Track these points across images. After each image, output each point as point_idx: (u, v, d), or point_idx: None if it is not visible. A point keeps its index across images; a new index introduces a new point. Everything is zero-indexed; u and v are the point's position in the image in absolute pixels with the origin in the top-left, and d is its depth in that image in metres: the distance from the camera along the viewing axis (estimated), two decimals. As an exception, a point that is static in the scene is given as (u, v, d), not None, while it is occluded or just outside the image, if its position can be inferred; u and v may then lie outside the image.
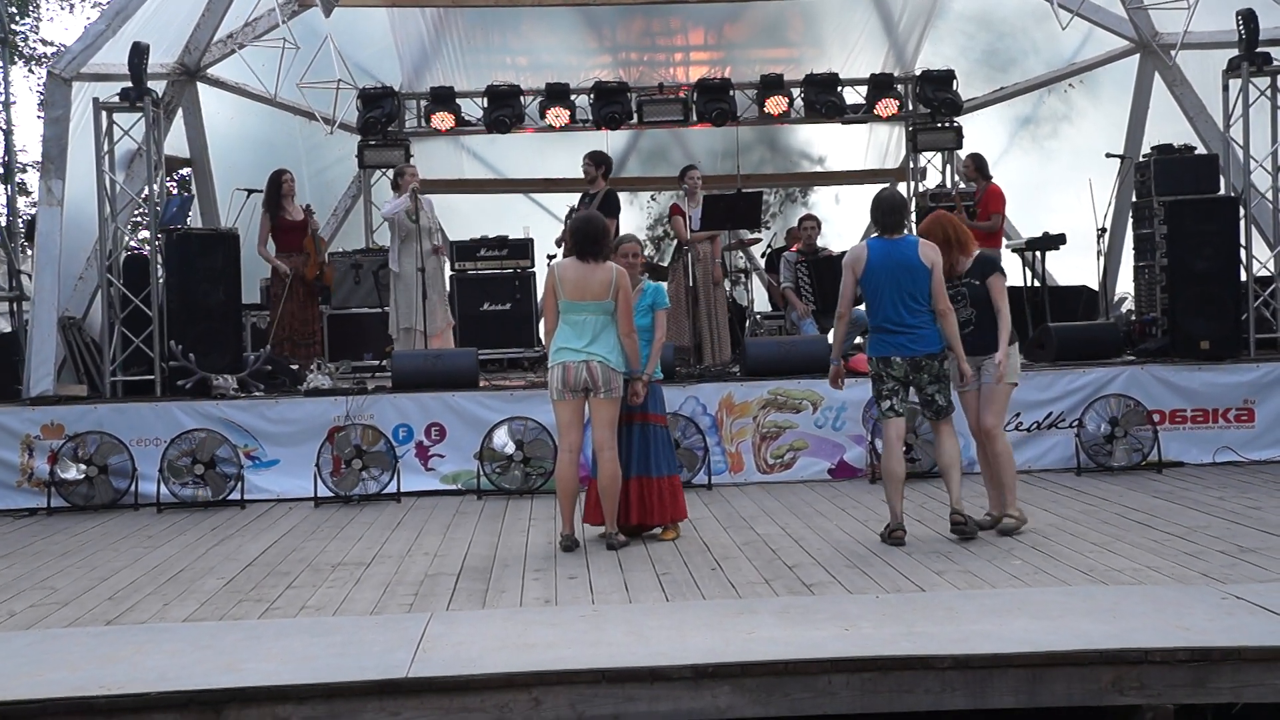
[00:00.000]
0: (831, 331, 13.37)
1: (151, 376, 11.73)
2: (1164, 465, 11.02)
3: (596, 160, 13.43)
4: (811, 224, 13.77)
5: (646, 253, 13.86)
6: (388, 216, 12.70)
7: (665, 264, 14.15)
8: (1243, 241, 12.07)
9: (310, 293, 13.21)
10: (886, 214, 8.37)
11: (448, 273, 13.57)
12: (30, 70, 29.22)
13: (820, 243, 13.99)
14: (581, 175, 13.46)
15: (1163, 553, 7.79)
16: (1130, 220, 14.05)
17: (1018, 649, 5.72)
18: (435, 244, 12.64)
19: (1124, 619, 6.15)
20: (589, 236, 8.41)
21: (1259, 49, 12.07)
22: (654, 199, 20.23)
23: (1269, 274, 12.50)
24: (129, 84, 11.71)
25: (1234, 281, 11.90)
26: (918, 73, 16.72)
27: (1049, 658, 5.66)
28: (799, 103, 16.40)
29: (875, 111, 16.37)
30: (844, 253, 13.99)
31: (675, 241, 13.30)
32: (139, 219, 15.46)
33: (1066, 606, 6.45)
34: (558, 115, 15.93)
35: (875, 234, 8.50)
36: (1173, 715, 5.63)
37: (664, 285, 8.98)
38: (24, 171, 24.13)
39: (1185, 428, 11.37)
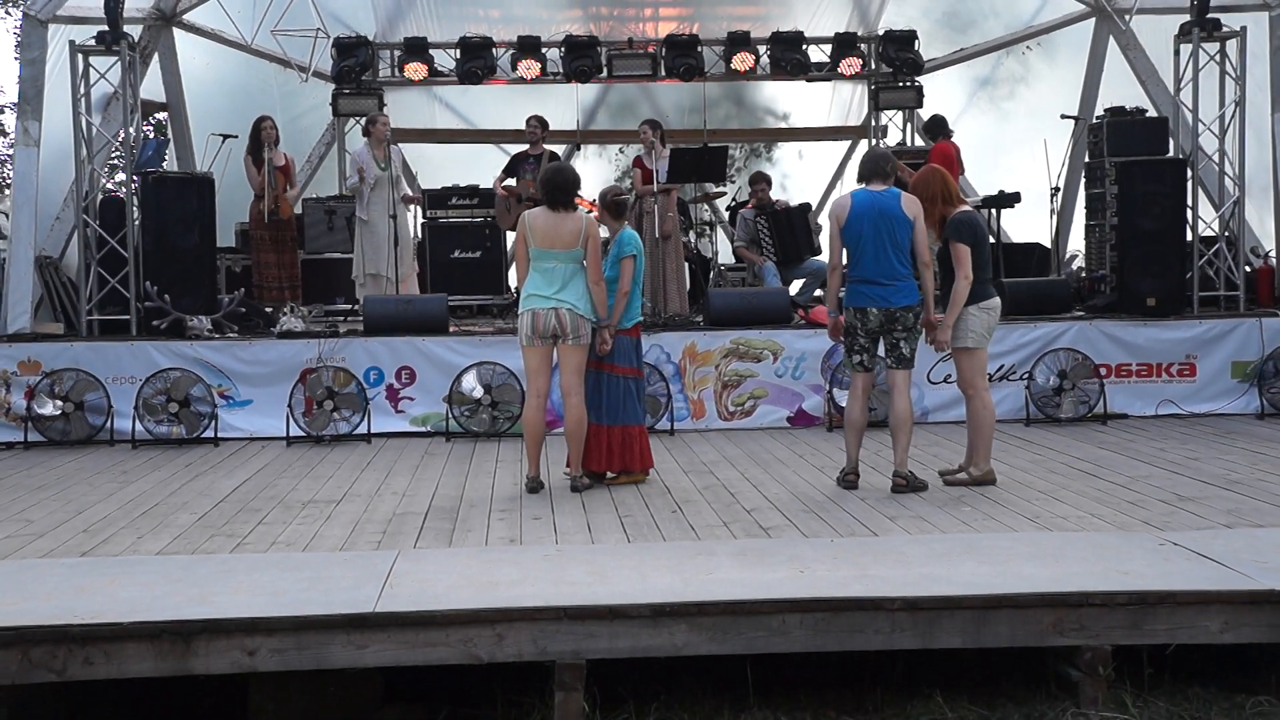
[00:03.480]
0: (803, 283, 13.71)
1: (127, 316, 11.84)
2: (1109, 417, 11.32)
3: (544, 123, 13.66)
4: (762, 183, 14.00)
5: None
6: (353, 187, 12.79)
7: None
8: (1189, 202, 12.33)
9: (281, 239, 13.13)
10: (866, 163, 8.46)
11: (419, 220, 13.75)
12: (6, 11, 28.94)
13: (778, 196, 14.17)
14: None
15: (1106, 501, 7.99)
16: (1083, 180, 14.26)
17: (965, 592, 5.84)
18: (407, 193, 12.78)
19: (1066, 563, 6.29)
20: (559, 186, 8.50)
21: (1209, 15, 12.30)
22: (622, 152, 20.38)
23: (1213, 234, 12.76)
24: (105, 27, 11.78)
25: (1180, 241, 12.18)
26: (881, 32, 16.78)
27: (993, 600, 5.78)
28: (765, 60, 16.46)
29: (839, 70, 16.41)
30: (802, 204, 14.35)
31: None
32: (115, 161, 15.52)
33: (1012, 551, 6.58)
34: (529, 67, 15.99)
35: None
36: (1110, 656, 5.74)
37: (633, 233, 9.07)
38: (1, 112, 24.03)
39: (1130, 381, 11.69)
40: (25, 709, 5.70)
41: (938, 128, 13.72)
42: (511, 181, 13.81)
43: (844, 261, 8.54)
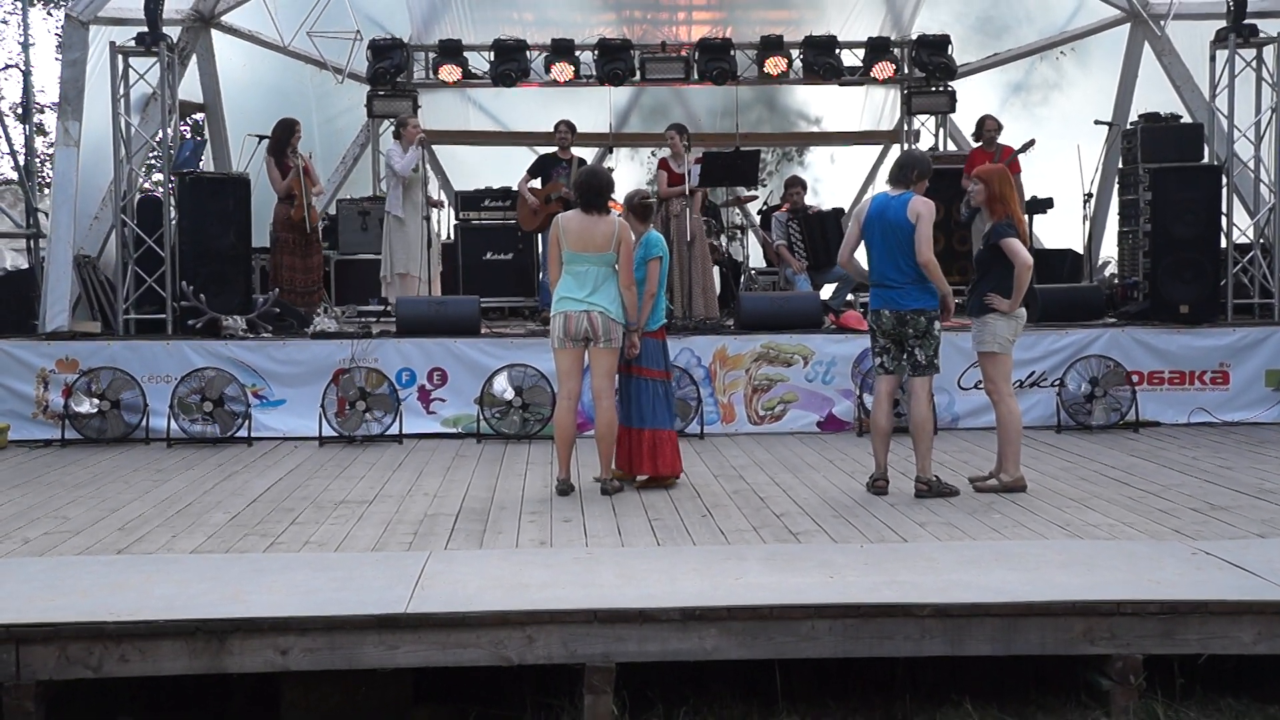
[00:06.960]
0: (834, 288, 13.73)
1: (163, 315, 11.97)
2: (1141, 425, 11.27)
3: (573, 128, 13.58)
4: (797, 187, 14.00)
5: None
6: (404, 174, 12.76)
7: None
8: (1224, 209, 12.27)
9: (307, 241, 13.04)
10: (893, 168, 8.57)
11: (451, 222, 13.79)
12: (49, 13, 29.17)
13: (810, 201, 14.18)
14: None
15: (1137, 509, 7.97)
16: (1116, 186, 14.22)
17: (995, 599, 5.84)
18: (431, 195, 12.77)
19: (1098, 572, 6.28)
20: (594, 189, 8.54)
21: (1246, 20, 12.24)
22: (654, 155, 20.42)
23: (1248, 241, 12.69)
24: (145, 29, 11.88)
25: (1214, 248, 12.12)
26: (914, 37, 16.74)
27: (1024, 608, 5.78)
28: (797, 64, 16.44)
29: (871, 74, 16.34)
30: (834, 209, 14.38)
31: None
32: (153, 162, 15.64)
33: (1043, 559, 6.58)
34: (562, 70, 16.03)
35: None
36: (1141, 665, 5.74)
37: (659, 236, 9.09)
38: (42, 112, 24.24)
39: (1163, 389, 11.63)
40: (61, 705, 5.74)
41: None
42: (537, 183, 13.70)
43: (853, 258, 8.75)
